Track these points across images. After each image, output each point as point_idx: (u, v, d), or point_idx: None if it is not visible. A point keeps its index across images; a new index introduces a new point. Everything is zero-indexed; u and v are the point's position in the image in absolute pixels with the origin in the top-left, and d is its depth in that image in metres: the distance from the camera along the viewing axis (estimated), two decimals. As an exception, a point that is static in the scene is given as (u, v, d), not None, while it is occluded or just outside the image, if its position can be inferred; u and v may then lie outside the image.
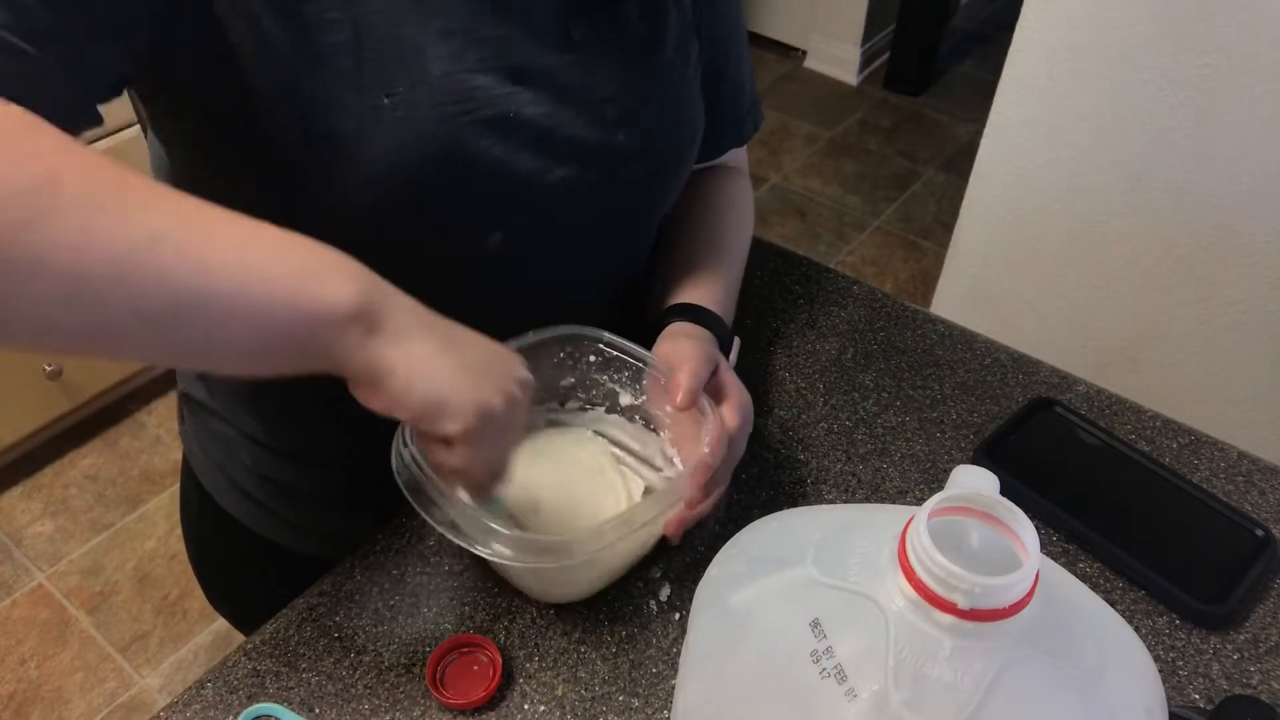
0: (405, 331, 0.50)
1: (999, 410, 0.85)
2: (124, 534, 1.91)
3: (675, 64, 0.73)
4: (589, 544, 0.61)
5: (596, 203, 0.71)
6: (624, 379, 0.75)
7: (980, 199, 1.54)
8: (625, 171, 0.71)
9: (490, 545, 0.59)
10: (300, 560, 0.85)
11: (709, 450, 0.65)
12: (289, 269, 0.48)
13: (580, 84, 0.67)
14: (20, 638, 1.74)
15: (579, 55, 0.67)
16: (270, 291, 0.47)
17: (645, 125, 0.71)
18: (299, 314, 0.48)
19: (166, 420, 2.11)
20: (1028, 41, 1.37)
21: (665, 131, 0.74)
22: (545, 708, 0.64)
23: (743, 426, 0.70)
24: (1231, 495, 0.79)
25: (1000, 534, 0.43)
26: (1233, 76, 1.22)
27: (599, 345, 0.73)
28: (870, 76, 3.26)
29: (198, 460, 0.89)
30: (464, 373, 0.52)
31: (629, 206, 0.75)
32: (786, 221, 2.71)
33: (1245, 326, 1.39)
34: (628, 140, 0.69)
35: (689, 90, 0.76)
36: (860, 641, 0.42)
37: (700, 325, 0.75)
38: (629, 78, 0.69)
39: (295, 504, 0.86)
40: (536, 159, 0.66)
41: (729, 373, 0.72)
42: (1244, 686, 0.67)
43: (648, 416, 0.76)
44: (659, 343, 0.73)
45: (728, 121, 0.85)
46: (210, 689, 0.65)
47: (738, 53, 0.83)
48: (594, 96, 0.67)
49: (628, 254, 0.80)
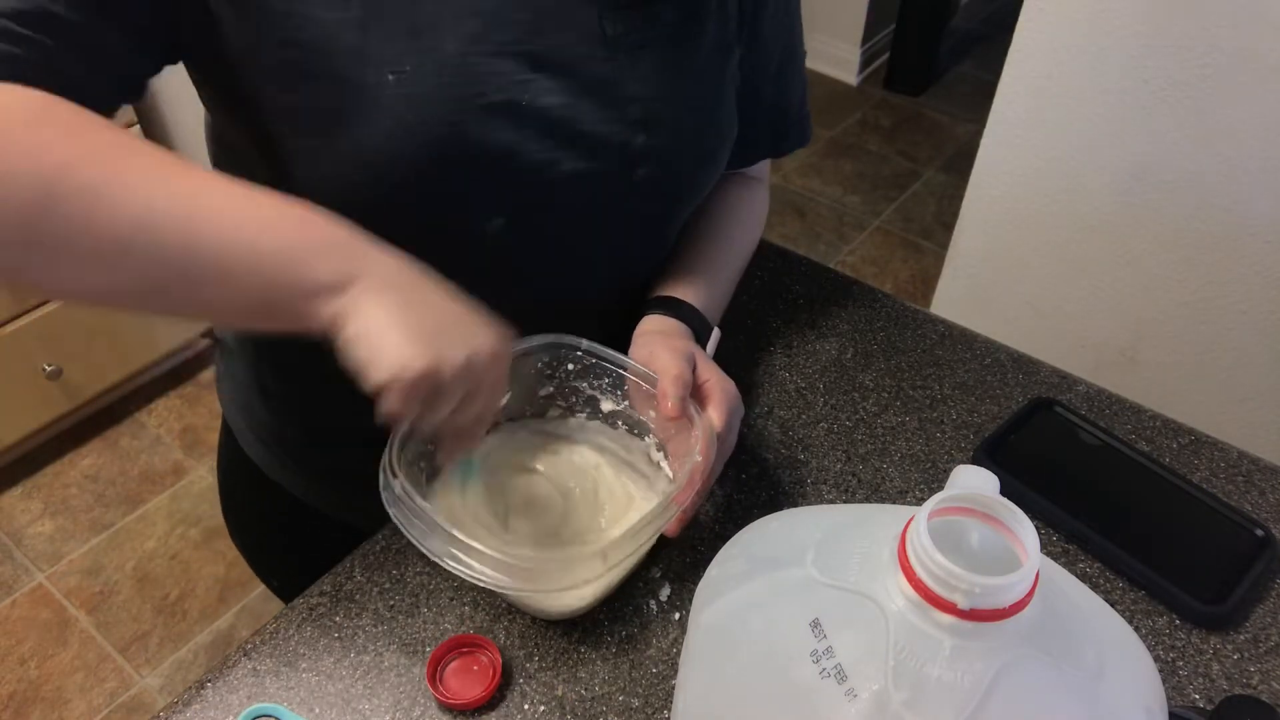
0: (367, 297, 0.54)
1: (999, 410, 0.85)
2: (124, 534, 1.91)
3: (709, 71, 0.72)
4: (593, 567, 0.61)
5: (608, 200, 0.71)
6: (604, 385, 0.74)
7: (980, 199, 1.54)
8: (640, 173, 0.70)
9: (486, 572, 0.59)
10: (315, 515, 0.89)
11: (701, 456, 0.65)
12: (275, 245, 0.53)
13: (606, 80, 0.66)
14: (20, 638, 1.74)
15: (610, 51, 0.66)
16: (250, 268, 0.53)
17: (670, 128, 0.69)
18: (277, 287, 0.53)
19: (166, 420, 2.11)
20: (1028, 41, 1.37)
21: (690, 137, 0.72)
22: (545, 708, 0.64)
23: (730, 422, 0.70)
24: (1231, 495, 0.79)
25: (1000, 534, 0.43)
26: (1232, 76, 1.22)
27: (577, 353, 0.72)
28: (870, 76, 3.26)
29: (227, 405, 0.91)
30: (409, 335, 0.53)
31: (642, 208, 0.74)
32: (786, 221, 2.71)
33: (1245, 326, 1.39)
34: (648, 142, 0.68)
35: (721, 98, 0.74)
36: (860, 641, 0.42)
37: (673, 317, 0.75)
38: (659, 80, 0.68)
39: (306, 461, 0.87)
40: (547, 149, 0.65)
41: (707, 366, 0.71)
42: (1244, 686, 0.67)
43: (631, 421, 0.75)
44: (634, 340, 0.73)
45: (765, 132, 0.84)
46: (210, 689, 0.65)
47: (786, 61, 0.81)
48: (619, 94, 0.66)
49: (639, 258, 0.79)
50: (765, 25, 0.76)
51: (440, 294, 0.57)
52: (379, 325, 0.53)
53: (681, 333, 0.74)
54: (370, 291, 0.54)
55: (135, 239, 0.51)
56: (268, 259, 0.53)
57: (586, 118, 0.66)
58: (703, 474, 0.65)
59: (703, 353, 0.73)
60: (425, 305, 0.56)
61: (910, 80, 3.17)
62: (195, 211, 0.52)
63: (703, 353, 0.73)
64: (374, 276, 0.54)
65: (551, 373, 0.74)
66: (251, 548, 1.01)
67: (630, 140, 0.68)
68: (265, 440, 0.88)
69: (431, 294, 0.57)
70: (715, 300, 0.81)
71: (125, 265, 0.52)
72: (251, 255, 0.52)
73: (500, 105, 0.62)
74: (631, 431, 0.75)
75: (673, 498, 0.63)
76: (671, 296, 0.77)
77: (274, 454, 0.88)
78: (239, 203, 0.54)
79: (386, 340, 0.53)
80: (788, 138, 0.86)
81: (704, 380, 0.70)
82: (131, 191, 0.51)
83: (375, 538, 0.74)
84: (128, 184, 0.51)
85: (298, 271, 0.53)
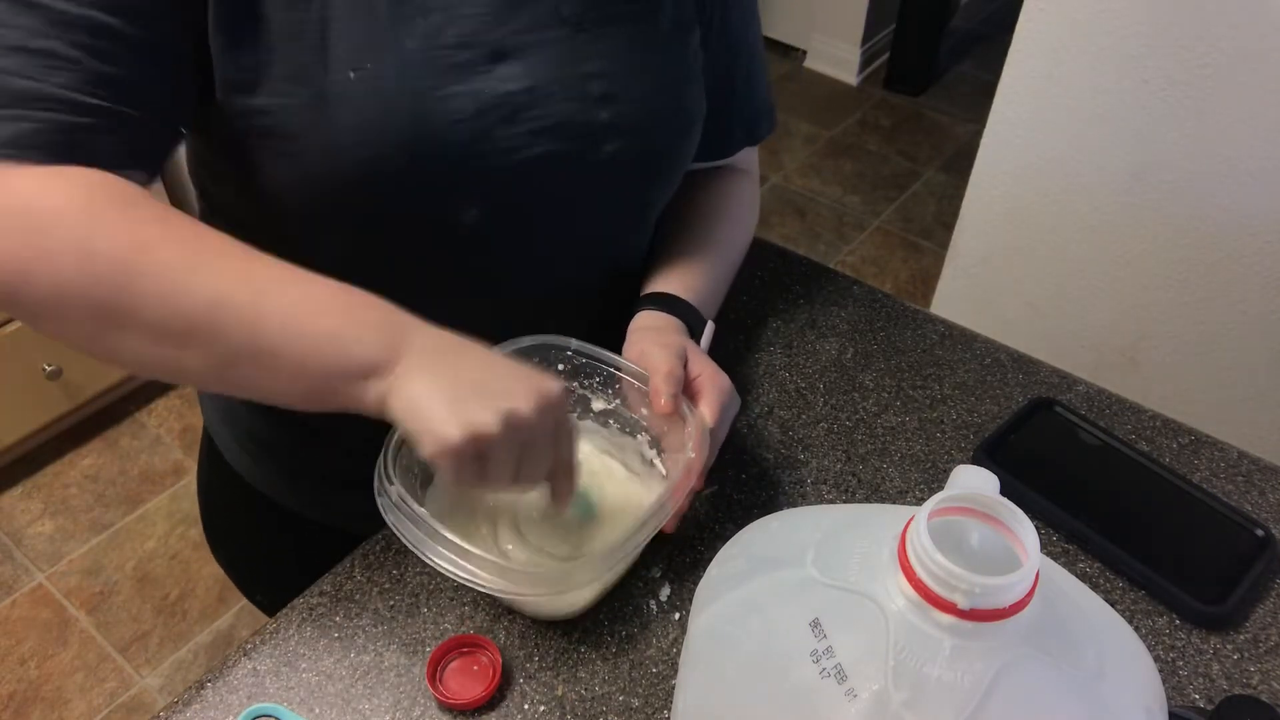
0: (410, 373, 0.55)
1: (999, 410, 0.85)
2: (124, 534, 1.91)
3: (672, 44, 0.72)
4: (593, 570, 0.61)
5: (580, 181, 0.70)
6: (594, 385, 0.74)
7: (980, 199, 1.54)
8: (608, 149, 0.70)
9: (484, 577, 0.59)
10: (302, 524, 0.88)
11: (694, 454, 0.65)
12: (323, 330, 0.55)
13: (565, 59, 0.66)
14: (20, 638, 1.74)
15: (569, 30, 0.66)
16: (304, 352, 0.55)
17: (633, 103, 0.70)
18: (328, 371, 0.55)
19: (166, 420, 2.11)
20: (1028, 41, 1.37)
21: (656, 110, 0.72)
22: (545, 708, 0.64)
23: (723, 416, 0.70)
24: (1231, 495, 0.79)
25: (1000, 534, 0.43)
26: (1232, 76, 1.22)
27: (567, 353, 0.72)
28: (870, 76, 3.26)
29: (210, 414, 0.91)
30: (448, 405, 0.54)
31: (616, 188, 0.74)
32: (786, 221, 2.71)
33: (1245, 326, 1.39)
34: (611, 116, 0.69)
35: (686, 72, 0.74)
36: (860, 641, 0.42)
37: (666, 313, 0.75)
38: (619, 55, 0.69)
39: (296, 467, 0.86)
40: (512, 135, 0.65)
41: (700, 360, 0.71)
42: (1244, 686, 0.67)
43: (623, 420, 0.75)
44: (628, 337, 0.73)
45: (739, 121, 0.85)
46: (210, 689, 0.65)
47: (751, 53, 0.83)
48: (578, 70, 0.67)
49: (619, 241, 0.79)
50: (733, 17, 0.78)
51: (481, 354, 0.59)
52: (420, 397, 0.55)
53: (674, 328, 0.75)
54: (410, 365, 0.55)
55: (204, 320, 0.54)
56: (321, 343, 0.55)
57: (549, 99, 0.66)
58: (697, 470, 0.66)
59: (695, 346, 0.73)
60: (463, 367, 0.57)
61: (910, 80, 3.17)
62: (261, 298, 0.55)
63: (695, 346, 0.73)
64: (413, 351, 0.56)
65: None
66: (235, 561, 1.00)
67: (594, 117, 0.68)
68: (251, 448, 0.87)
69: (471, 355, 0.58)
70: (709, 294, 0.81)
71: (193, 344, 0.55)
72: (306, 340, 0.55)
73: (462, 95, 0.63)
74: (624, 430, 0.75)
75: (669, 497, 0.64)
76: (664, 292, 0.77)
77: (260, 462, 0.87)
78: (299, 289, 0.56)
79: (427, 411, 0.54)
80: (759, 125, 0.87)
81: (696, 375, 0.70)
82: (204, 275, 0.54)
83: (375, 538, 0.74)
84: (202, 266, 0.55)
85: (348, 354, 0.55)
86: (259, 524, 0.93)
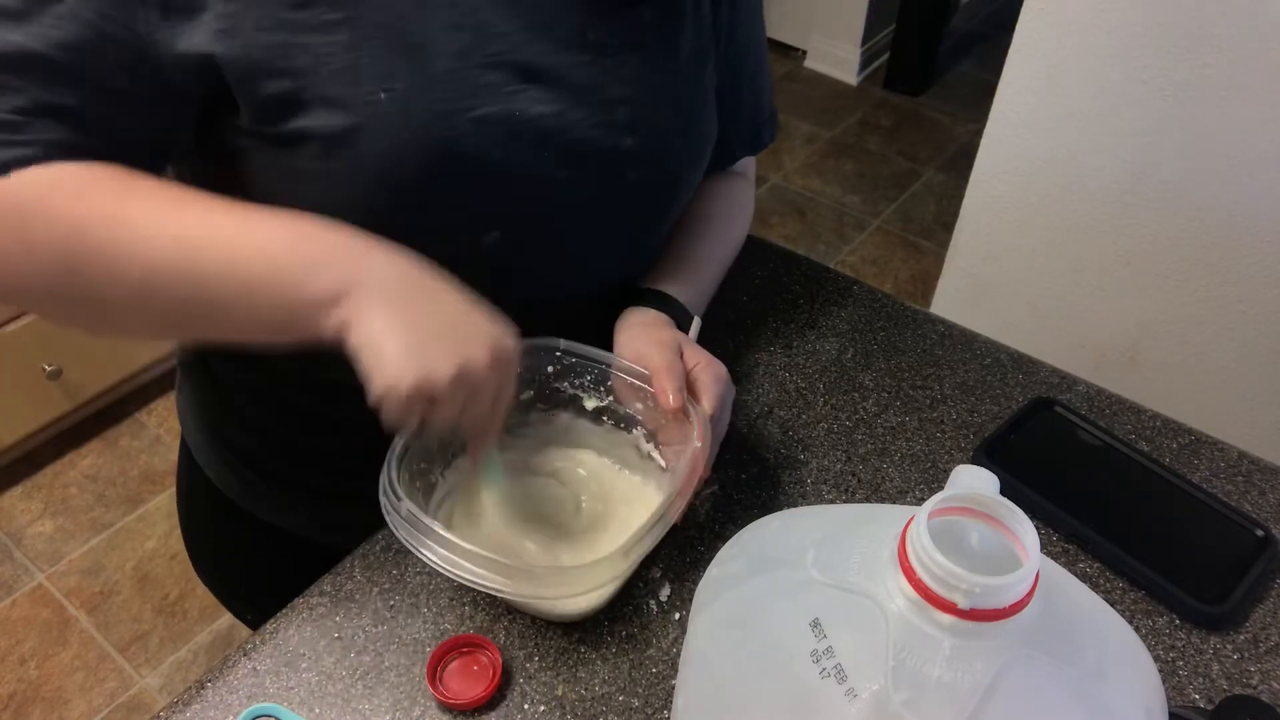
0: (371, 308, 0.55)
1: (999, 410, 0.85)
2: (124, 534, 1.91)
3: (690, 71, 0.73)
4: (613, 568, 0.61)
5: (601, 206, 0.71)
6: (585, 383, 0.74)
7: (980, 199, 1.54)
8: (631, 175, 0.70)
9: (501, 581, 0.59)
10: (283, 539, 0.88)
11: (700, 443, 0.66)
12: (271, 268, 0.56)
13: (592, 85, 0.66)
14: (20, 638, 1.74)
15: (593, 56, 0.66)
16: (253, 292, 0.56)
17: (655, 130, 0.70)
18: (280, 308, 0.56)
19: (166, 420, 2.11)
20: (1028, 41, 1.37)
21: (676, 138, 0.73)
22: (545, 708, 0.64)
23: (722, 405, 0.70)
24: (1231, 495, 0.79)
25: (1000, 534, 0.43)
26: (1232, 76, 1.22)
27: (556, 353, 0.72)
28: (870, 76, 3.26)
29: (190, 427, 0.90)
30: (404, 345, 0.55)
31: (634, 211, 0.75)
32: (786, 221, 2.71)
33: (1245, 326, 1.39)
34: (635, 144, 0.69)
35: (702, 98, 0.75)
36: (860, 641, 0.42)
37: (651, 308, 0.75)
38: (642, 81, 0.69)
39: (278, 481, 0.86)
40: (540, 159, 0.66)
41: (694, 351, 0.72)
42: (1244, 686, 0.67)
43: (616, 416, 0.75)
44: (618, 334, 0.74)
45: (743, 130, 0.85)
46: (210, 689, 0.65)
47: (757, 63, 0.83)
48: (605, 98, 0.67)
49: (632, 259, 0.80)
50: (740, 30, 0.78)
51: (442, 294, 0.58)
52: (378, 335, 0.55)
53: (663, 322, 0.75)
54: (369, 298, 0.55)
55: (150, 289, 0.56)
56: (266, 286, 0.56)
57: (576, 125, 0.66)
58: (703, 461, 0.66)
59: (686, 338, 0.74)
60: (425, 309, 0.56)
61: (910, 80, 3.17)
62: (197, 254, 0.56)
63: (686, 338, 0.74)
64: (372, 283, 0.55)
65: (531, 376, 0.74)
66: (216, 576, 0.99)
67: (619, 143, 0.68)
68: (232, 462, 0.86)
69: (433, 295, 0.57)
70: (699, 293, 0.81)
71: (151, 310, 0.58)
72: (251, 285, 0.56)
73: (493, 117, 0.63)
74: (618, 426, 0.75)
75: (678, 491, 0.64)
76: (654, 290, 0.78)
77: (241, 476, 0.86)
78: (235, 232, 0.57)
79: (384, 352, 0.54)
80: (763, 134, 0.88)
81: (692, 366, 0.71)
82: (134, 246, 0.55)
83: (375, 538, 0.74)
84: (131, 238, 0.55)
85: (296, 292, 0.55)
86: (241, 537, 0.92)
